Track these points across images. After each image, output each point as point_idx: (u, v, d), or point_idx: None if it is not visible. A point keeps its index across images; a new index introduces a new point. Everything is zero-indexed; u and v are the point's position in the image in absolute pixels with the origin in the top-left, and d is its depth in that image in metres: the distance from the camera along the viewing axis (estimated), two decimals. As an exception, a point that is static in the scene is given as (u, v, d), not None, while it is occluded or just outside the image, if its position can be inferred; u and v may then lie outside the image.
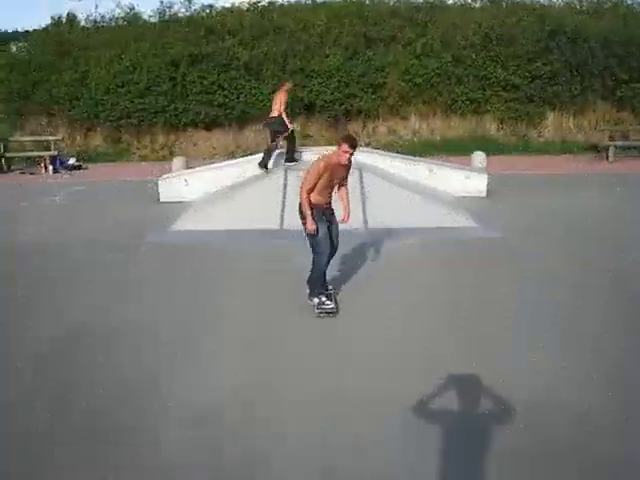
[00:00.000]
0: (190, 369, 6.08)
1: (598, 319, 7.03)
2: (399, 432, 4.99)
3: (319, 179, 7.04)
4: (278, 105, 13.79)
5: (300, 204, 7.14)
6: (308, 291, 7.53)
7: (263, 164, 13.98)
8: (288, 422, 5.17)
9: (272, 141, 14.16)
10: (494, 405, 5.27)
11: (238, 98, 21.59)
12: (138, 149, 22.22)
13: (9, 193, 16.48)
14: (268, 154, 14.10)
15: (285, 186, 12.40)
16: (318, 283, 7.47)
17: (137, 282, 8.69)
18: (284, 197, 11.99)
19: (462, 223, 11.60)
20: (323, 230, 7.19)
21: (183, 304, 7.80)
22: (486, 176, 14.52)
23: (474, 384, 5.61)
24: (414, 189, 13.20)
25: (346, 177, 7.53)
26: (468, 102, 21.69)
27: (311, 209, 7.01)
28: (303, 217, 7.12)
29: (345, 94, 21.47)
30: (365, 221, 11.22)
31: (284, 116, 13.75)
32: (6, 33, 30.60)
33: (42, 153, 20.22)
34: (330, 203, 7.36)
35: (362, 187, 12.21)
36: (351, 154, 7.08)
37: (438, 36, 21.58)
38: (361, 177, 12.44)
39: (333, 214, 7.50)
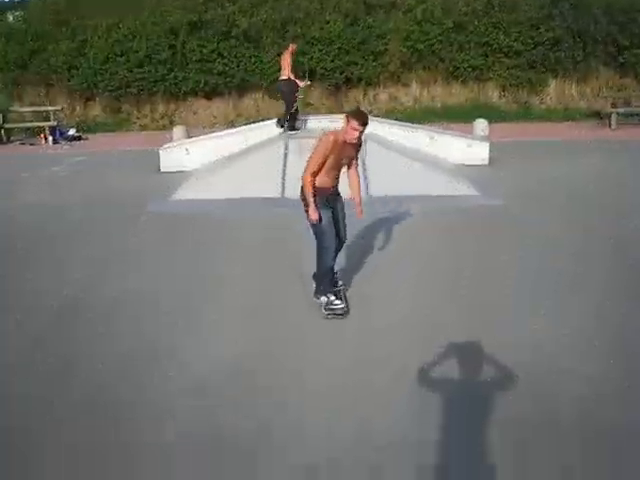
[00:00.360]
0: (190, 338, 6.05)
1: (600, 286, 7.00)
2: (399, 398, 4.97)
3: (325, 160, 6.07)
4: (286, 68, 13.70)
5: (302, 188, 6.20)
6: (314, 286, 6.72)
7: (280, 124, 14.05)
8: (289, 391, 5.15)
9: (286, 104, 14.05)
10: (496, 373, 5.25)
11: (238, 66, 21.44)
12: (138, 119, 22.11)
13: (9, 164, 16.42)
14: (284, 116, 14.09)
15: (286, 154, 12.32)
16: (326, 279, 6.60)
17: (137, 252, 8.64)
18: (285, 165, 11.93)
19: (464, 191, 11.52)
20: (327, 217, 6.26)
21: (183, 273, 7.76)
22: (488, 144, 14.43)
23: (476, 352, 5.57)
24: (415, 157, 13.12)
25: (356, 157, 6.54)
26: (470, 69, 21.51)
27: (314, 195, 6.09)
28: (306, 204, 6.23)
29: (345, 61, 21.30)
30: (366, 189, 11.14)
31: (292, 77, 13.68)
32: (2, 2, 30.36)
33: (42, 123, 20.15)
34: (336, 187, 6.43)
35: (363, 155, 12.10)
36: (361, 132, 6.08)
37: (439, 2, 21.38)
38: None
39: (338, 197, 6.56)
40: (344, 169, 6.53)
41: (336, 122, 14.50)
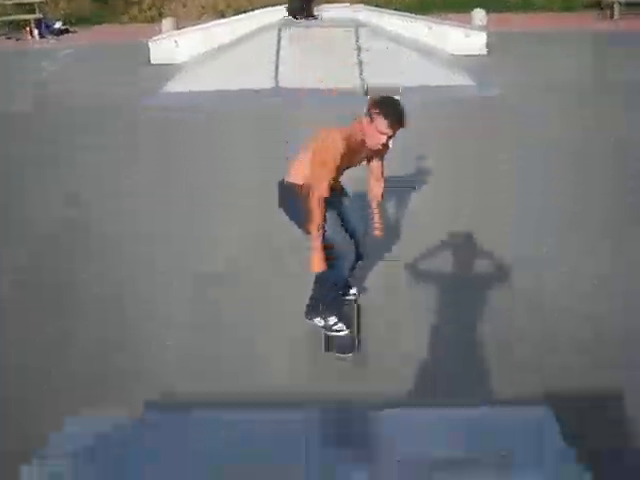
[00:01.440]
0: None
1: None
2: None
3: (337, 170, 4.05)
4: None
5: (289, 191, 4.23)
6: (306, 306, 4.69)
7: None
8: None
9: None
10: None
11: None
12: (126, 10, 21.42)
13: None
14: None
15: (279, 41, 11.97)
16: (329, 296, 4.50)
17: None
18: (278, 52, 11.65)
19: (461, 81, 11.35)
20: (332, 220, 4.18)
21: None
22: (485, 34, 14.19)
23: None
24: (412, 47, 12.81)
25: (380, 160, 4.56)
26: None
27: (323, 233, 4.05)
28: (302, 221, 4.14)
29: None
30: (362, 80, 10.99)
31: None
32: None
33: (26, 16, 19.46)
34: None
35: (358, 46, 11.86)
36: (391, 137, 4.05)
37: None
38: (357, 35, 12.06)
39: (342, 193, 4.48)
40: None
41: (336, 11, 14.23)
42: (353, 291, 4.89)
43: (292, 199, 4.18)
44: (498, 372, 4.22)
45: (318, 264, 4.06)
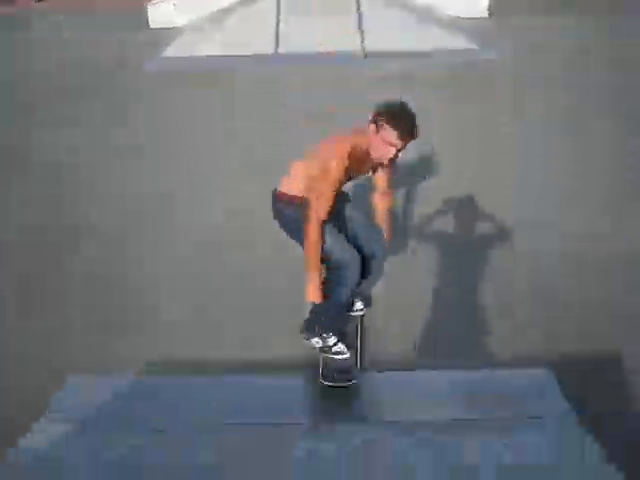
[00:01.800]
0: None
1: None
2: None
3: (340, 185, 3.46)
4: None
5: (281, 202, 3.56)
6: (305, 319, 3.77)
7: None
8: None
9: None
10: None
11: None
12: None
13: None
14: None
15: (278, 5, 11.84)
16: (330, 313, 3.70)
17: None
18: (278, 16, 11.54)
19: (463, 44, 11.22)
20: (331, 226, 3.46)
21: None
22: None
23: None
24: (413, 10, 12.68)
25: (389, 172, 3.75)
26: None
27: (320, 261, 3.45)
28: (301, 238, 3.46)
29: None
30: (362, 43, 10.88)
31: None
32: None
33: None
34: None
35: (359, 9, 11.73)
36: (400, 150, 3.37)
37: None
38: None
39: (343, 197, 3.63)
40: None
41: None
42: (359, 305, 4.02)
43: (289, 213, 3.58)
44: (500, 334, 4.24)
45: (313, 293, 3.47)
